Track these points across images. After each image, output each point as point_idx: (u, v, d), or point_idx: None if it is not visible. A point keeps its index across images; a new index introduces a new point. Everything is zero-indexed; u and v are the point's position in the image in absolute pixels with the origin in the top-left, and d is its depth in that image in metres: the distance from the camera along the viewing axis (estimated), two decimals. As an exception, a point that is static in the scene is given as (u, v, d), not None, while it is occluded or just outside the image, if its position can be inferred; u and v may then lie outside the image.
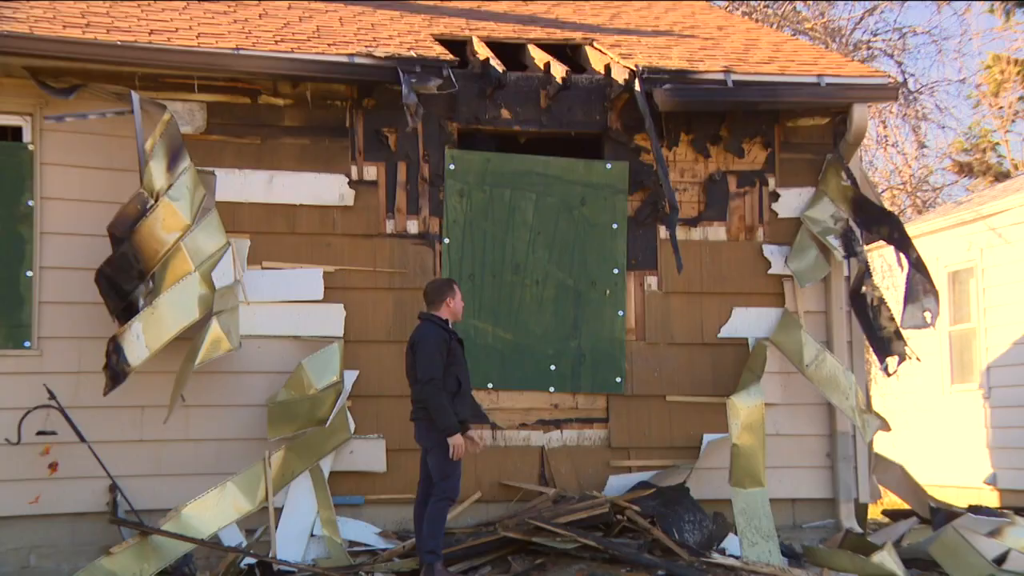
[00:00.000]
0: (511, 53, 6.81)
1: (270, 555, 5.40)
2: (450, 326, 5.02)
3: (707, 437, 6.33)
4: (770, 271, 6.58)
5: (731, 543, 5.83)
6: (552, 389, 6.30)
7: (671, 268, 6.33)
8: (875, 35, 14.56)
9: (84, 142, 5.78)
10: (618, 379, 6.34)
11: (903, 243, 6.42)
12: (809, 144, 6.67)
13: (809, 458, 6.49)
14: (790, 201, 6.65)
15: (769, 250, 6.60)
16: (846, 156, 6.56)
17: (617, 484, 6.22)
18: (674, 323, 6.46)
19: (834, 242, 6.50)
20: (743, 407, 5.95)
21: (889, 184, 15.68)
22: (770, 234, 6.62)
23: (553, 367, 6.25)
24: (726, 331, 6.49)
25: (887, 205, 12.35)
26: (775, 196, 6.66)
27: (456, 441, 4.81)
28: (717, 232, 6.59)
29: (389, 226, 6.20)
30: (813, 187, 6.64)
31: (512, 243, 6.32)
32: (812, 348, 6.29)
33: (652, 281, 6.47)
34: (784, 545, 5.88)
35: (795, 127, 6.68)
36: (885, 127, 14.68)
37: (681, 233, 6.43)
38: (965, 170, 17.39)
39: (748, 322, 6.49)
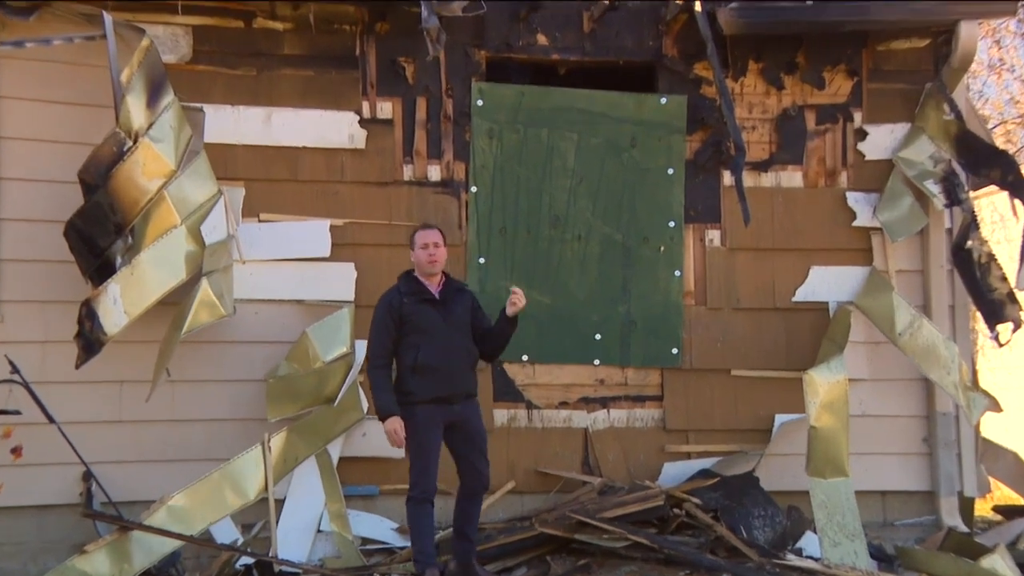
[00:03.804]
0: (548, -33, 6.58)
1: (270, 554, 5.21)
2: (423, 281, 4.82)
3: (779, 418, 6.06)
4: (855, 223, 6.27)
5: (809, 542, 5.60)
6: (597, 362, 6.09)
7: (737, 220, 6.00)
8: (989, -64, 13.84)
9: (49, 72, 5.50)
10: (674, 350, 6.11)
11: (1019, 188, 6.08)
12: (904, 71, 6.34)
13: (902, 443, 6.22)
14: (880, 140, 6.31)
15: (854, 198, 6.28)
16: (949, 85, 6.20)
17: (673, 472, 6.01)
18: (740, 285, 6.19)
19: (933, 188, 6.16)
20: (823, 383, 5.64)
21: (1003, 118, 14.85)
22: (855, 179, 6.31)
23: (598, 336, 6.04)
24: (802, 294, 6.21)
25: (1000, 143, 11.83)
26: (862, 134, 6.33)
27: (388, 427, 4.67)
28: (792, 177, 6.29)
29: (407, 172, 5.99)
30: (908, 123, 6.31)
31: (550, 192, 6.08)
32: (906, 314, 5.96)
33: (714, 235, 6.22)
34: (873, 545, 5.61)
35: (887, 51, 6.31)
36: (999, 48, 13.97)
37: (749, 179, 6.12)
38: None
39: (828, 283, 6.21)
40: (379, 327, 4.75)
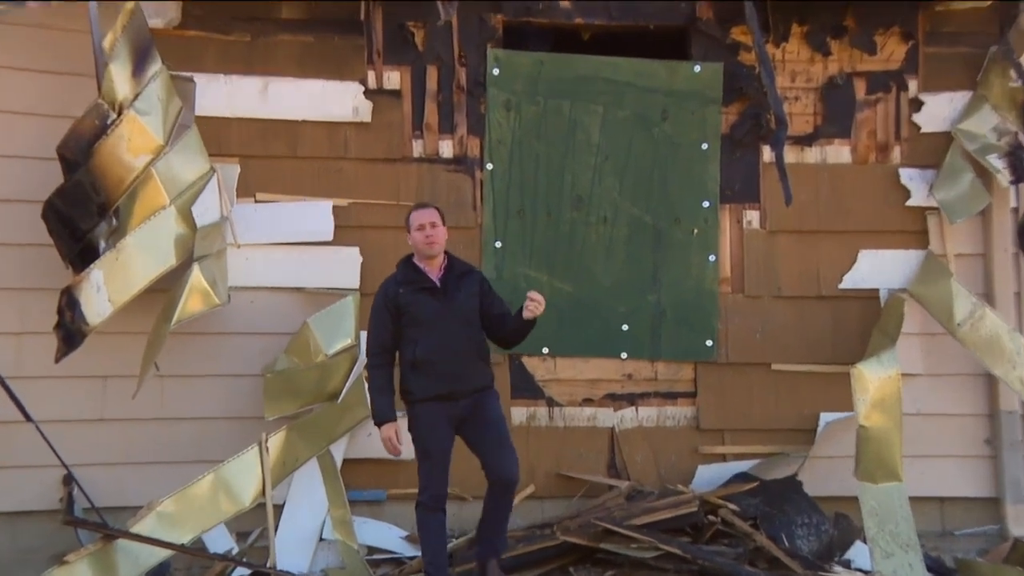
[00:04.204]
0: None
1: (268, 564, 5.12)
2: (422, 266, 4.65)
3: (825, 417, 5.92)
4: (909, 202, 6.10)
5: (858, 553, 5.49)
6: (624, 355, 5.97)
7: (778, 200, 5.87)
8: None
9: (24, 38, 5.39)
10: (709, 342, 5.97)
11: (1093, 163, 6.00)
12: (965, 34, 6.15)
13: (962, 445, 6.07)
14: (938, 110, 6.14)
15: (908, 175, 6.10)
16: (1017, 48, 6.01)
17: (708, 476, 5.91)
18: (781, 270, 6.05)
19: (997, 163, 5.95)
20: (873, 378, 5.50)
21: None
22: (910, 154, 6.13)
23: (626, 327, 5.91)
24: (850, 280, 6.06)
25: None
26: (917, 104, 6.15)
27: (383, 434, 4.58)
28: (839, 152, 6.13)
29: (416, 148, 5.86)
30: (970, 91, 6.12)
31: (573, 170, 5.95)
32: (966, 302, 5.80)
33: (753, 217, 6.06)
34: (930, 557, 5.49)
35: (946, 11, 6.10)
36: (1074, 6, 13.80)
37: (791, 155, 6.00)
38: None
39: (879, 269, 6.08)
40: (375, 321, 4.59)
